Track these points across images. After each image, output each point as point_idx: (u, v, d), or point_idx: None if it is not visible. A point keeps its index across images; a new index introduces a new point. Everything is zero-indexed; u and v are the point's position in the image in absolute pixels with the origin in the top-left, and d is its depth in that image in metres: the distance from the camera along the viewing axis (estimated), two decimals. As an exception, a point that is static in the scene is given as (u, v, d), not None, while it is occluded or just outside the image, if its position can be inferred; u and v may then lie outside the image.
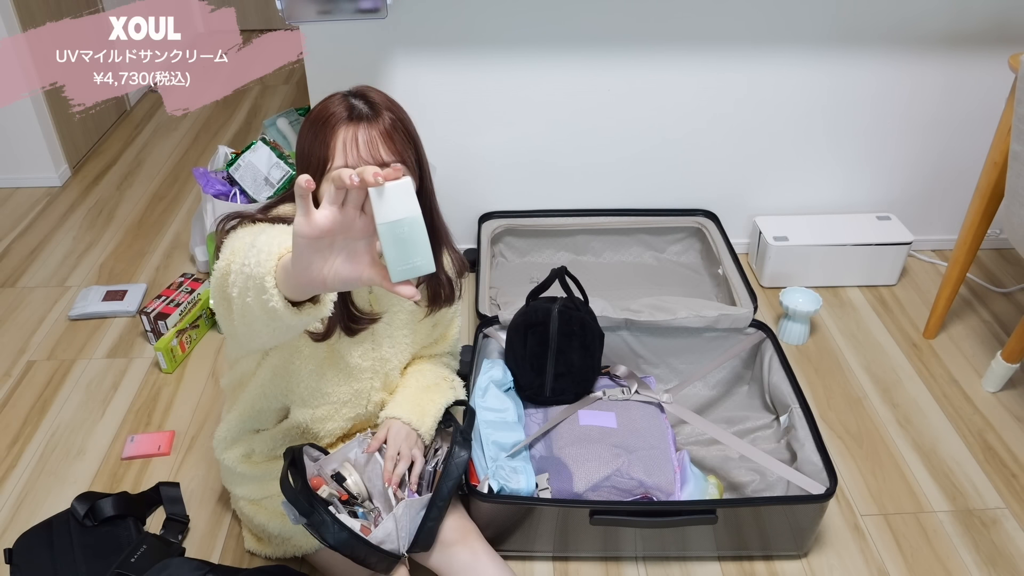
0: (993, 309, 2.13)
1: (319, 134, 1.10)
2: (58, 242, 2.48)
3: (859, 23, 1.99)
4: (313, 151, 1.11)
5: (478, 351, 1.71)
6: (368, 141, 1.10)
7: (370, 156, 1.09)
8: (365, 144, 1.09)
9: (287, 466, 1.23)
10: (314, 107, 1.15)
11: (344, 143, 1.09)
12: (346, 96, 1.13)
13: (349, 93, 1.14)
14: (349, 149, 1.09)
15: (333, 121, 1.10)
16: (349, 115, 1.10)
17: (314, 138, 1.11)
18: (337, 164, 1.09)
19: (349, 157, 1.09)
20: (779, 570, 1.47)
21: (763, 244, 2.19)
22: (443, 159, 2.14)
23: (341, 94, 1.14)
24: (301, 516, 1.17)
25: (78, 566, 1.39)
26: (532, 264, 2.27)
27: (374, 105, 1.12)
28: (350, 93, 1.14)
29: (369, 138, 1.10)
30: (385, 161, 1.11)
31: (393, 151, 1.12)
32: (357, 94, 1.14)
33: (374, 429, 1.41)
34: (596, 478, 1.43)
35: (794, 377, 1.65)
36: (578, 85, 2.06)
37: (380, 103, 1.13)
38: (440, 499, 1.25)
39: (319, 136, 1.10)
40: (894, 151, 2.20)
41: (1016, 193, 1.59)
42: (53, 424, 1.79)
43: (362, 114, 1.10)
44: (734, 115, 2.12)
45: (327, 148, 1.09)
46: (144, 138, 3.17)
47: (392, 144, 1.11)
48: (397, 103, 1.17)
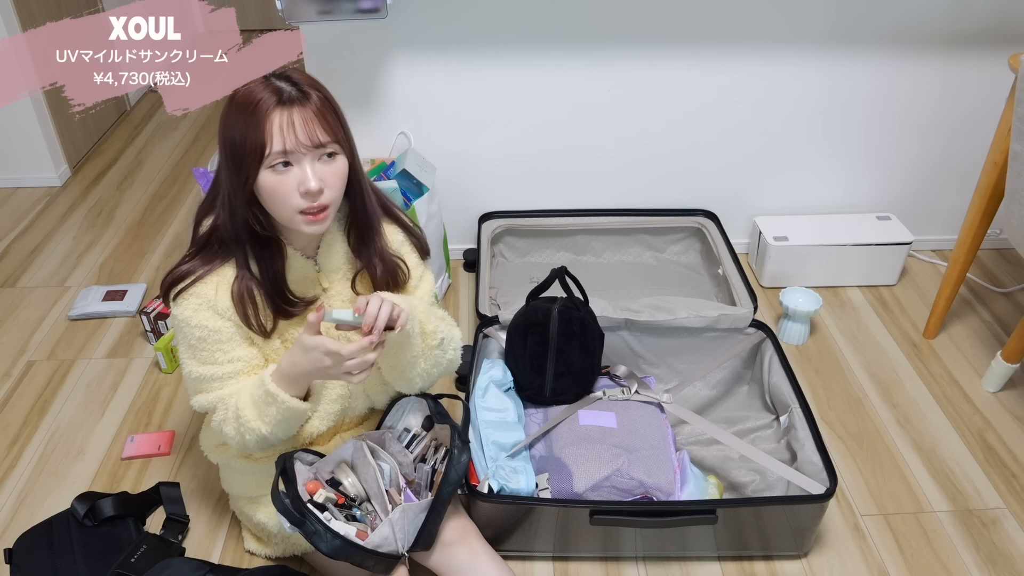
0: (993, 309, 2.13)
1: (250, 120, 1.09)
2: (58, 242, 2.48)
3: (860, 23, 1.99)
4: (247, 138, 1.09)
5: (478, 351, 1.71)
6: (304, 123, 1.09)
7: (307, 138, 1.10)
8: (302, 126, 1.09)
9: (277, 476, 1.23)
10: (235, 93, 1.13)
11: (280, 127, 1.09)
12: (269, 79, 1.12)
13: (272, 76, 1.13)
14: (287, 133, 1.09)
15: (264, 106, 1.08)
16: (279, 99, 1.09)
17: (245, 124, 1.09)
18: (276, 148, 1.09)
19: (288, 141, 1.09)
20: (779, 570, 1.46)
21: (763, 244, 2.19)
22: (443, 159, 2.14)
23: (263, 78, 1.12)
24: (294, 526, 1.17)
25: (78, 566, 1.39)
26: (532, 264, 2.27)
27: (301, 86, 1.11)
28: (273, 76, 1.13)
29: (304, 120, 1.09)
30: (321, 141, 1.11)
31: (328, 130, 1.12)
32: (280, 76, 1.13)
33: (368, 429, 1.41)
34: (596, 478, 1.43)
35: (794, 377, 1.65)
36: (578, 85, 2.06)
37: (306, 83, 1.12)
38: (440, 503, 1.25)
39: (251, 122, 1.08)
40: (894, 151, 2.20)
41: (1016, 193, 1.59)
42: (53, 424, 1.79)
43: (292, 97, 1.10)
44: (734, 115, 2.12)
45: (262, 133, 1.08)
46: (144, 138, 3.17)
47: (326, 123, 1.11)
48: (319, 81, 1.16)
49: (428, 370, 1.30)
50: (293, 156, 1.10)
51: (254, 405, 1.20)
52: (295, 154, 1.10)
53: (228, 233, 1.19)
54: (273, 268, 1.22)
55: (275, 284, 1.22)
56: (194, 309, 1.20)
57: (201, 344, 1.21)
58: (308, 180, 1.11)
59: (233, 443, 1.26)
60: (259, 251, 1.21)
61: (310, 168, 1.11)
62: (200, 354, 1.22)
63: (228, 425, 1.23)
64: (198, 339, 1.21)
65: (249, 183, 1.12)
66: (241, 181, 1.12)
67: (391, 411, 1.39)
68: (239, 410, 1.21)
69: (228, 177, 1.14)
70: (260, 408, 1.19)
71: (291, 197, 1.12)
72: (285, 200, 1.13)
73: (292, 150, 1.10)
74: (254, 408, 1.20)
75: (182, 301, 1.20)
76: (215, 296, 1.20)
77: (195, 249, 1.23)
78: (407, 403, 1.39)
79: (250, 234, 1.19)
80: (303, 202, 1.13)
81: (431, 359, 1.29)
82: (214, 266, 1.20)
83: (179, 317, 1.21)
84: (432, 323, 1.28)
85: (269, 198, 1.14)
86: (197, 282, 1.20)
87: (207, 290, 1.20)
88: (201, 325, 1.20)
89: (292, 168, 1.11)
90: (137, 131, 3.23)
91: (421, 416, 1.39)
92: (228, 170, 1.14)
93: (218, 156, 1.17)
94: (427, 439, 1.36)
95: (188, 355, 1.24)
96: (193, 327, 1.20)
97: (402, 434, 1.36)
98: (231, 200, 1.16)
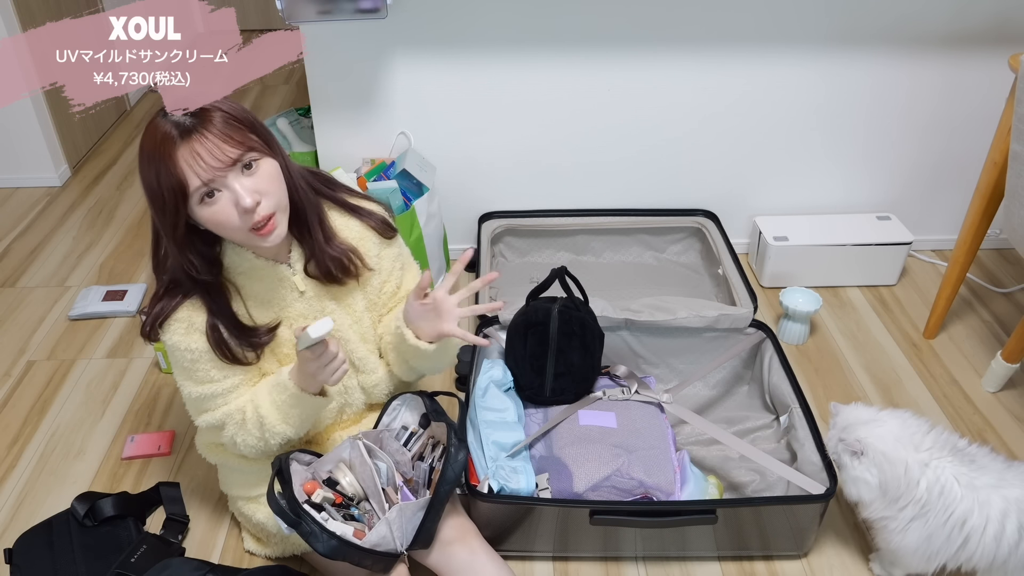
0: (993, 309, 2.13)
1: (160, 165, 1.06)
2: (58, 242, 2.48)
3: (860, 22, 1.99)
4: (164, 183, 1.07)
5: (478, 351, 1.71)
6: (209, 150, 1.06)
7: (217, 162, 1.07)
8: (208, 154, 1.06)
9: (273, 477, 1.23)
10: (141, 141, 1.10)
11: (188, 162, 1.06)
12: (162, 117, 1.08)
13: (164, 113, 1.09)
14: (196, 166, 1.06)
15: (166, 147, 1.05)
16: (179, 132, 1.06)
17: (156, 172, 1.07)
18: (193, 185, 1.07)
19: (201, 173, 1.06)
20: (779, 570, 1.46)
21: (763, 244, 2.19)
22: (443, 159, 2.14)
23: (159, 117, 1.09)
24: (290, 527, 1.18)
25: (78, 566, 1.39)
26: (532, 264, 2.27)
27: (192, 111, 1.07)
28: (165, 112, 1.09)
29: (208, 147, 1.06)
30: (234, 158, 1.08)
31: (236, 144, 1.08)
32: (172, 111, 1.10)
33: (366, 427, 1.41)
34: (596, 478, 1.43)
35: (794, 377, 1.65)
36: (578, 85, 2.06)
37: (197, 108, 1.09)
38: (438, 502, 1.25)
39: (161, 167, 1.06)
40: (894, 151, 2.20)
41: (1016, 193, 1.59)
42: (53, 424, 1.79)
43: (188, 126, 1.06)
44: (734, 115, 2.12)
45: (177, 173, 1.06)
46: (144, 138, 3.17)
47: (230, 137, 1.08)
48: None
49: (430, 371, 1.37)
50: (215, 183, 1.08)
51: (277, 409, 1.22)
52: (216, 180, 1.08)
53: (177, 276, 1.19)
54: (228, 311, 1.22)
55: (236, 324, 1.22)
56: (181, 334, 1.20)
57: (194, 366, 1.22)
58: (241, 199, 1.09)
59: (253, 452, 1.28)
60: (206, 296, 1.21)
61: (239, 186, 1.09)
62: (195, 375, 1.23)
63: (248, 435, 1.25)
64: (191, 361, 1.22)
65: (180, 226, 1.11)
66: (171, 226, 1.11)
67: (387, 410, 1.39)
68: (262, 418, 1.23)
69: (161, 225, 1.13)
70: (284, 411, 1.22)
71: (232, 220, 1.10)
72: (230, 225, 1.11)
73: (210, 179, 1.07)
74: (278, 412, 1.22)
75: (168, 329, 1.21)
76: (197, 318, 1.21)
77: (159, 291, 1.22)
78: (404, 401, 1.39)
79: (192, 280, 1.18)
80: (245, 220, 1.11)
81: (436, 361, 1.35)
82: (185, 297, 1.20)
83: (169, 343, 1.22)
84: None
85: (215, 228, 1.13)
86: (175, 310, 1.20)
87: (188, 313, 1.20)
88: (191, 348, 1.21)
89: (222, 192, 1.09)
90: (137, 131, 3.23)
91: (418, 414, 1.39)
92: (159, 218, 1.12)
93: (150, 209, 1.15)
94: (424, 437, 1.36)
95: (184, 377, 1.25)
96: (183, 351, 1.21)
97: (399, 432, 1.36)
98: (168, 247, 1.16)
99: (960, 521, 1.23)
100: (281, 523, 1.18)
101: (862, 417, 1.31)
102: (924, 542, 1.26)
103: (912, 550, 1.28)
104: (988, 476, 1.24)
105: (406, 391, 1.42)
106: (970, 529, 1.22)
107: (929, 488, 1.24)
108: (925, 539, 1.26)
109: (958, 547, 1.24)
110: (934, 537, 1.25)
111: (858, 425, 1.30)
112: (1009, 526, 1.21)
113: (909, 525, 1.27)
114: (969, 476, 1.24)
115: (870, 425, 1.29)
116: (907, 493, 1.26)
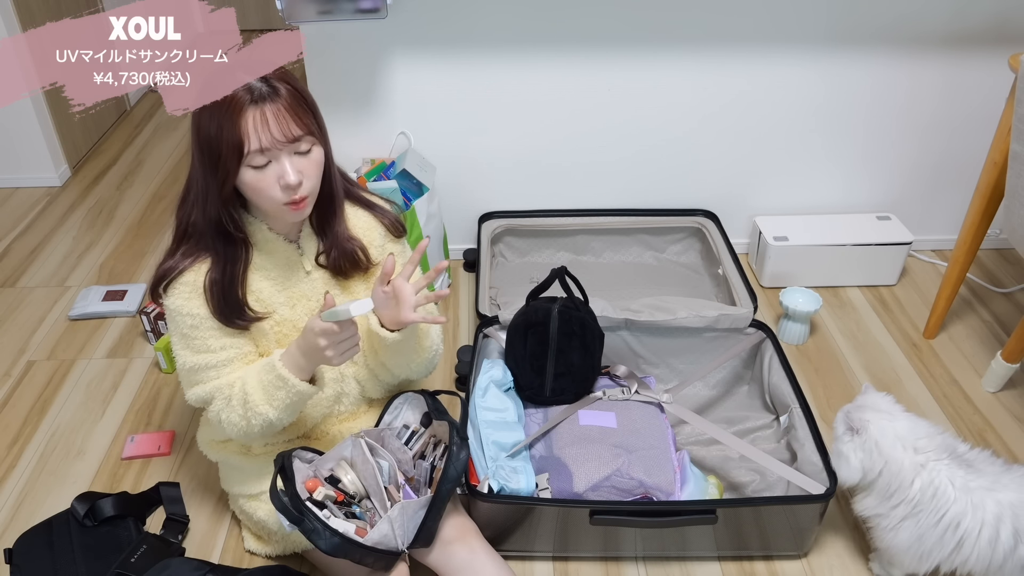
0: (993, 309, 2.13)
1: (224, 119, 1.10)
2: (58, 242, 2.48)
3: (860, 22, 1.99)
4: (223, 138, 1.10)
5: (478, 351, 1.71)
6: (277, 120, 1.11)
7: (282, 134, 1.11)
8: (276, 123, 1.11)
9: (276, 474, 1.23)
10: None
11: (255, 126, 1.10)
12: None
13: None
14: (261, 131, 1.10)
15: (238, 105, 1.09)
16: (251, 96, 1.10)
17: (220, 124, 1.10)
18: (253, 147, 1.10)
19: (263, 139, 1.11)
20: (779, 570, 1.46)
21: (763, 244, 2.19)
22: (443, 159, 2.14)
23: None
24: (292, 524, 1.17)
25: (78, 566, 1.39)
26: (532, 264, 2.27)
27: (270, 81, 1.12)
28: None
29: (277, 116, 1.11)
30: (296, 136, 1.12)
31: (301, 125, 1.13)
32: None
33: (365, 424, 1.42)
34: (596, 478, 1.43)
35: (794, 377, 1.65)
36: (578, 85, 2.06)
37: (275, 77, 1.13)
38: (440, 500, 1.25)
39: (225, 122, 1.10)
40: (894, 151, 2.20)
41: (1016, 193, 1.59)
42: (53, 424, 1.79)
43: (264, 93, 1.11)
44: (734, 115, 2.12)
45: (238, 131, 1.10)
46: (144, 138, 3.17)
47: (298, 118, 1.13)
48: (289, 72, 1.17)
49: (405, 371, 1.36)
50: (270, 152, 1.12)
51: (263, 389, 1.22)
52: (272, 151, 1.12)
53: (199, 228, 1.22)
54: (233, 270, 1.23)
55: (229, 287, 1.23)
56: (185, 297, 1.22)
57: (193, 332, 1.23)
58: (288, 175, 1.13)
59: (235, 431, 1.26)
60: (224, 249, 1.23)
61: (288, 163, 1.14)
62: (193, 342, 1.24)
63: (232, 412, 1.24)
64: (190, 327, 1.23)
65: (228, 182, 1.14)
66: (219, 181, 1.14)
67: (389, 408, 1.39)
68: (247, 395, 1.22)
69: (203, 175, 1.16)
70: (269, 392, 1.22)
71: (272, 191, 1.15)
72: (267, 194, 1.15)
73: (268, 147, 1.11)
74: (263, 392, 1.22)
75: (172, 291, 1.23)
76: (202, 283, 1.22)
77: (174, 245, 1.25)
78: (406, 399, 1.40)
79: (219, 232, 1.21)
80: (285, 195, 1.15)
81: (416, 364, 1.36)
82: (197, 258, 1.23)
83: (171, 307, 1.23)
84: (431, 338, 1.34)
85: (251, 193, 1.17)
86: (183, 272, 1.22)
87: (195, 277, 1.22)
88: (192, 313, 1.22)
89: (271, 164, 1.13)
90: (137, 131, 3.23)
91: (419, 412, 1.39)
92: (204, 168, 1.15)
93: (192, 154, 1.18)
94: (426, 435, 1.36)
95: (182, 345, 1.26)
96: (184, 315, 1.22)
97: (401, 430, 1.36)
98: (205, 198, 1.18)
99: (953, 523, 1.23)
100: (283, 521, 1.18)
101: (880, 405, 1.34)
102: (916, 542, 1.27)
103: (904, 549, 1.29)
104: (983, 479, 1.24)
105: (408, 390, 1.43)
106: (964, 532, 1.23)
107: (923, 489, 1.25)
108: (916, 539, 1.27)
109: (952, 549, 1.25)
110: (925, 537, 1.26)
111: (871, 410, 1.33)
112: (1004, 531, 1.21)
113: (900, 524, 1.28)
114: (964, 479, 1.24)
115: (881, 415, 1.32)
116: (900, 492, 1.27)
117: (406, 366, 1.35)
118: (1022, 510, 1.21)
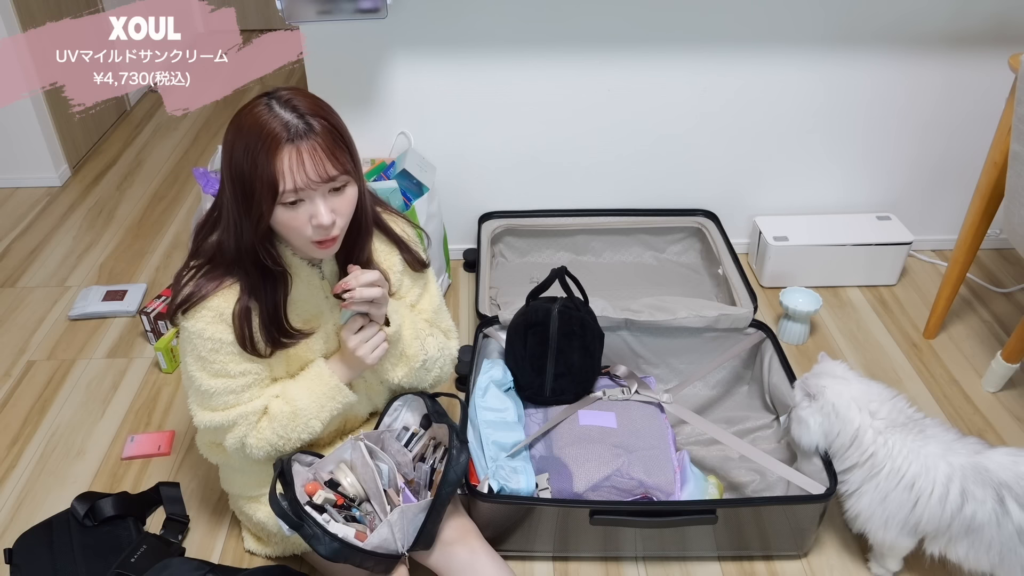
0: (993, 309, 2.13)
1: (260, 157, 1.07)
2: (58, 242, 2.48)
3: (860, 22, 1.99)
4: (260, 175, 1.07)
5: (478, 351, 1.71)
6: (313, 159, 1.08)
7: (317, 175, 1.08)
8: (311, 162, 1.08)
9: (275, 479, 1.23)
10: (240, 118, 1.10)
11: (291, 166, 1.07)
12: (271, 106, 1.09)
13: (274, 101, 1.09)
14: (296, 171, 1.07)
15: (274, 144, 1.06)
16: (288, 134, 1.06)
17: (255, 162, 1.07)
18: (287, 187, 1.08)
19: (298, 179, 1.08)
20: (779, 570, 1.47)
21: (763, 244, 2.19)
22: (443, 159, 2.14)
23: (265, 103, 1.09)
24: (292, 529, 1.17)
25: (78, 566, 1.39)
26: (532, 264, 2.27)
27: (306, 117, 1.08)
28: (276, 101, 1.09)
29: (313, 156, 1.08)
30: (331, 176, 1.10)
31: (336, 164, 1.10)
32: (283, 102, 1.09)
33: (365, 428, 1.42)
34: (596, 478, 1.43)
35: (794, 377, 1.64)
36: (578, 85, 2.06)
37: (309, 111, 1.09)
38: (440, 503, 1.25)
39: (261, 158, 1.07)
40: (894, 151, 2.20)
41: (1016, 193, 1.59)
42: (53, 424, 1.79)
43: (299, 131, 1.07)
44: (734, 115, 2.12)
45: (273, 171, 1.07)
46: (144, 138, 3.17)
47: (335, 157, 1.10)
48: (321, 102, 1.13)
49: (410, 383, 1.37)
50: (304, 192, 1.10)
51: (316, 401, 1.25)
52: (306, 191, 1.10)
53: (232, 256, 1.18)
54: (275, 299, 1.21)
55: (274, 315, 1.21)
56: (207, 321, 1.18)
57: (213, 356, 1.20)
58: (321, 216, 1.11)
59: (264, 451, 1.26)
60: (262, 281, 1.20)
61: (322, 204, 1.11)
62: (211, 366, 1.21)
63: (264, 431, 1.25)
64: (210, 351, 1.20)
65: (263, 222, 1.12)
66: (254, 218, 1.11)
67: (388, 410, 1.39)
68: (297, 410, 1.24)
69: (236, 209, 1.13)
70: (321, 403, 1.25)
71: (304, 230, 1.13)
72: (298, 233, 1.14)
73: (303, 187, 1.09)
74: (316, 405, 1.25)
75: (195, 315, 1.19)
76: (227, 310, 1.19)
77: (198, 266, 1.21)
78: (405, 401, 1.39)
79: (255, 263, 1.18)
80: (316, 234, 1.14)
81: (412, 377, 1.35)
82: (222, 283, 1.19)
83: (191, 330, 1.19)
84: (414, 348, 1.32)
85: (282, 230, 1.15)
86: (208, 297, 1.19)
87: (220, 303, 1.19)
88: (215, 338, 1.19)
89: (303, 203, 1.11)
90: (137, 131, 3.23)
91: (419, 415, 1.39)
92: (236, 202, 1.12)
93: (223, 181, 1.15)
94: (426, 438, 1.36)
95: (198, 367, 1.22)
96: (206, 339, 1.19)
97: (400, 433, 1.36)
98: (239, 229, 1.15)
99: (909, 483, 1.29)
100: (283, 525, 1.18)
101: (835, 372, 1.41)
102: (879, 504, 1.32)
103: (869, 514, 1.34)
104: (935, 444, 1.31)
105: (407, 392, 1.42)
106: (919, 491, 1.28)
107: (876, 451, 1.31)
108: (880, 501, 1.32)
109: (909, 510, 1.29)
110: (889, 500, 1.31)
111: (827, 376, 1.39)
112: (953, 489, 1.27)
113: (861, 487, 1.34)
114: (918, 443, 1.31)
115: (837, 380, 1.39)
116: (854, 454, 1.33)
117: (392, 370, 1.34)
118: (971, 472, 1.27)
